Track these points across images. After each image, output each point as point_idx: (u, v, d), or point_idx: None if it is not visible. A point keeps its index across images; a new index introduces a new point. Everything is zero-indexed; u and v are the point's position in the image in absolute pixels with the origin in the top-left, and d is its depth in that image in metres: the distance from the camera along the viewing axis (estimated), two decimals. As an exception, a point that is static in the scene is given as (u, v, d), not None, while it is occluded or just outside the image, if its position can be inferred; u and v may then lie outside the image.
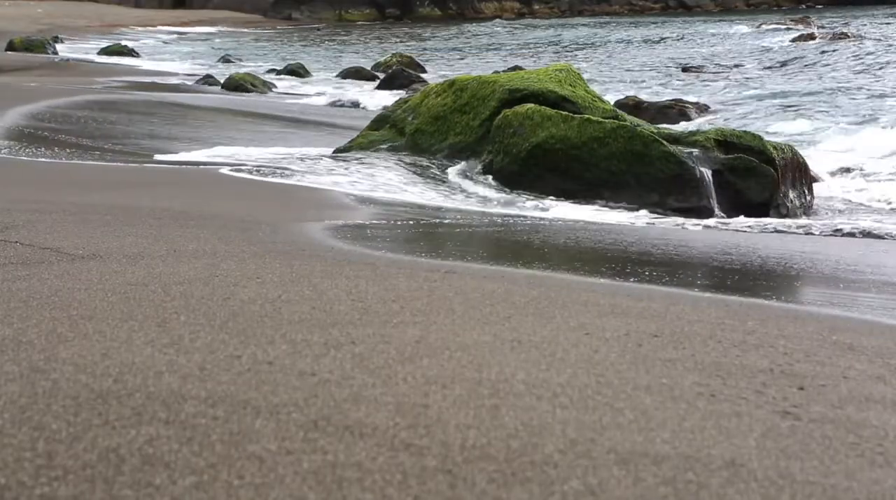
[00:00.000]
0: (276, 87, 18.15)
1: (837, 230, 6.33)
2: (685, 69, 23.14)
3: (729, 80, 20.09)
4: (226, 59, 26.12)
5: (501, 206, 6.75)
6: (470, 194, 7.09)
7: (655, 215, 6.67)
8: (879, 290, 4.28)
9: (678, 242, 5.45)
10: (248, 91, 16.70)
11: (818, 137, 11.98)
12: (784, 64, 22.70)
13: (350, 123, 12.24)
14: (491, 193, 7.12)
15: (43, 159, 7.14)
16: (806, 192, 7.45)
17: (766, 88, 18.16)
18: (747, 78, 20.46)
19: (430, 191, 7.07)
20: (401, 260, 3.91)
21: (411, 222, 5.42)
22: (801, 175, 7.44)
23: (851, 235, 6.20)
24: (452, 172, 7.60)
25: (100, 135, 9.15)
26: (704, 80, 20.41)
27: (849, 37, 27.68)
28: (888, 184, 8.70)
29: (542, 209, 6.65)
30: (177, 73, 22.00)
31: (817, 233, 6.27)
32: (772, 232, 6.27)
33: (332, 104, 15.64)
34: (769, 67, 22.27)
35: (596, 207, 6.83)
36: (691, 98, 16.14)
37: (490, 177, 7.38)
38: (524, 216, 6.20)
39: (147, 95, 13.73)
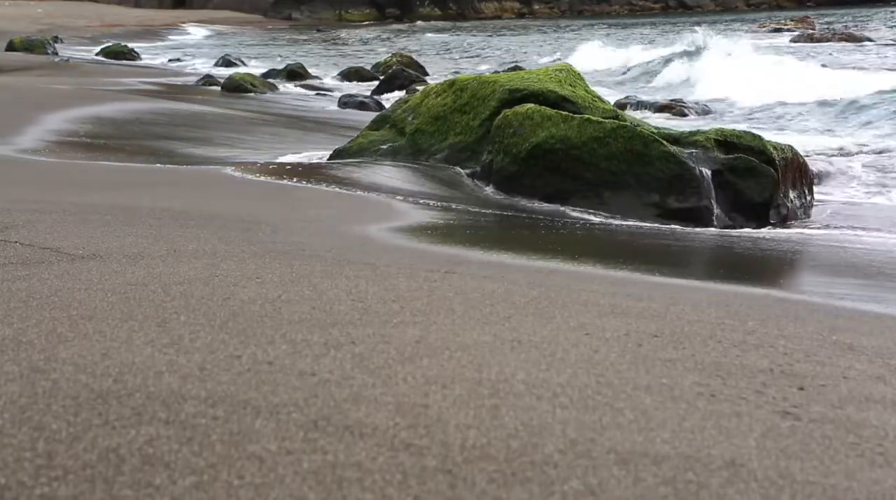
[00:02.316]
0: (276, 87, 18.14)
1: None
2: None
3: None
4: (226, 60, 26.11)
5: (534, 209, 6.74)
6: (480, 194, 7.09)
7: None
8: None
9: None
10: (247, 92, 16.69)
11: (815, 137, 12.02)
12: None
13: (350, 122, 12.25)
14: (496, 195, 7.12)
15: (43, 159, 7.14)
16: (806, 192, 7.44)
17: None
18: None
19: (437, 190, 7.06)
20: (400, 260, 3.91)
21: (420, 225, 5.42)
22: (802, 175, 7.43)
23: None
24: (454, 172, 7.59)
25: (130, 137, 9.15)
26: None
27: (853, 38, 27.65)
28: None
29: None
30: (178, 73, 22.00)
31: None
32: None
33: (332, 104, 15.64)
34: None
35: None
36: (690, 98, 16.17)
37: (490, 176, 7.38)
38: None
39: (176, 105, 13.74)
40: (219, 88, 17.21)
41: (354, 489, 1.66)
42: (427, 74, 21.68)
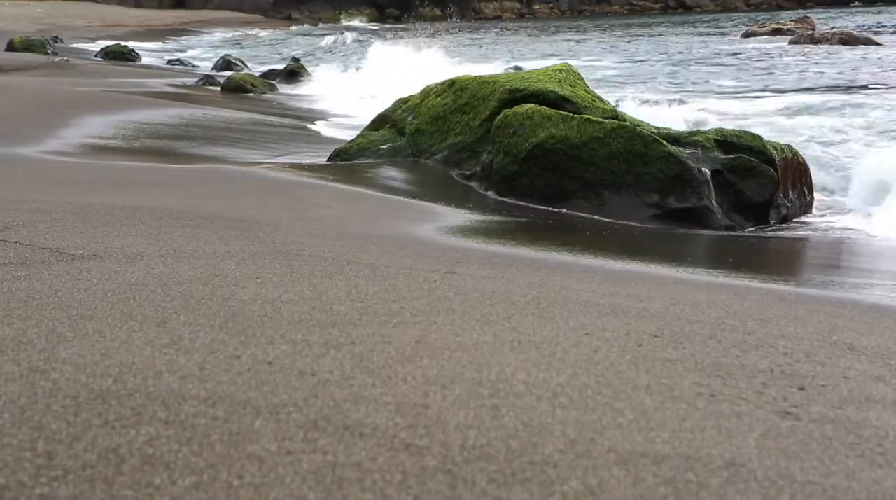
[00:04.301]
0: (275, 87, 18.13)
1: None
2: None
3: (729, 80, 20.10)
4: (225, 60, 26.11)
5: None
6: (480, 194, 7.10)
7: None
8: None
9: None
10: (247, 92, 16.69)
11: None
12: (779, 65, 22.74)
13: (349, 122, 12.25)
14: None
15: (41, 158, 7.14)
16: (806, 192, 7.44)
17: (764, 89, 18.17)
18: (746, 79, 20.48)
19: (436, 190, 7.06)
20: (400, 260, 3.91)
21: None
22: (802, 175, 7.43)
23: None
24: (454, 172, 7.60)
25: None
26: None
27: (853, 39, 27.61)
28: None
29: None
30: (177, 73, 22.00)
31: None
32: None
33: (332, 104, 15.63)
34: (766, 68, 22.29)
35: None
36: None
37: (490, 176, 7.38)
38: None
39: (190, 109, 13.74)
40: (218, 89, 17.21)
41: (354, 489, 1.66)
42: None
